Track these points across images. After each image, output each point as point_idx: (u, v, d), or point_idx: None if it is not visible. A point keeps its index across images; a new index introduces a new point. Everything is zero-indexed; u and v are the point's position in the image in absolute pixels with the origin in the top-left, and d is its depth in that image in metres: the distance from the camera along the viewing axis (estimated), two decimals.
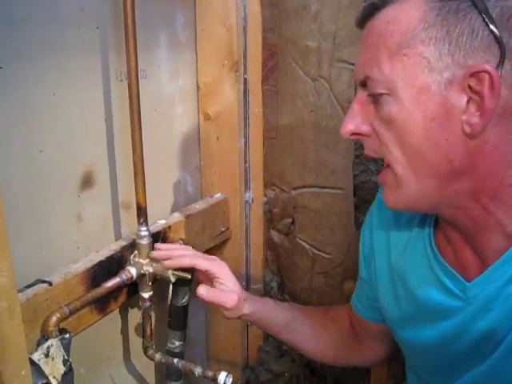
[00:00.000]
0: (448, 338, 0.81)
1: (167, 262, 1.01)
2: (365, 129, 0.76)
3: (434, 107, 0.68)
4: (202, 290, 0.97)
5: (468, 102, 0.67)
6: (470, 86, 0.66)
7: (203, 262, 1.00)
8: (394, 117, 0.71)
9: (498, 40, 0.64)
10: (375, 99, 0.73)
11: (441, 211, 0.79)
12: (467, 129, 0.67)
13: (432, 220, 0.86)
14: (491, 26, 0.64)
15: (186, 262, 1.00)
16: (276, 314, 1.09)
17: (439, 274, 0.81)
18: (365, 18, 0.75)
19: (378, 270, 0.97)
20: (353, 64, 1.20)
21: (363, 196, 1.32)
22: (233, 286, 1.01)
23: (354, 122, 0.76)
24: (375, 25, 0.73)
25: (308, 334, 1.11)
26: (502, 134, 0.68)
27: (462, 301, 0.77)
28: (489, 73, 0.64)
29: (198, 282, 1.03)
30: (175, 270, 1.01)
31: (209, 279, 1.02)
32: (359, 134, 0.77)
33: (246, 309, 1.03)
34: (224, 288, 1.00)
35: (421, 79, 0.68)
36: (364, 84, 0.74)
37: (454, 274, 0.79)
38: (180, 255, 1.01)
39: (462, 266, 0.79)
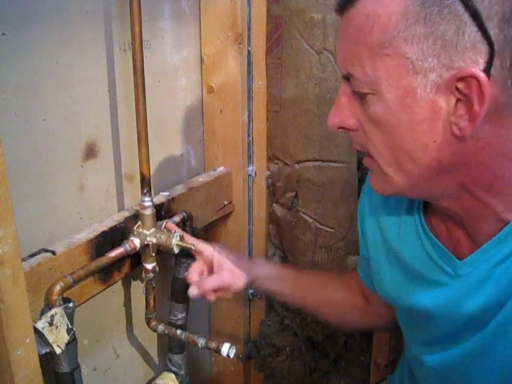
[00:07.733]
0: (438, 313, 0.81)
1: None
2: (351, 123, 0.73)
3: (420, 110, 0.65)
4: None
5: (456, 102, 0.63)
6: (457, 88, 0.62)
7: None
8: (380, 118, 0.68)
9: (486, 37, 0.59)
10: (360, 96, 0.70)
11: (433, 200, 0.78)
12: (456, 131, 0.64)
13: (421, 202, 0.85)
14: (478, 22, 0.59)
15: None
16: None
17: (430, 250, 0.81)
18: (343, 6, 0.69)
19: (373, 249, 0.97)
20: None
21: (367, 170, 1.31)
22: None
23: (341, 116, 0.74)
24: (354, 16, 0.67)
25: (317, 287, 1.14)
26: (494, 131, 0.65)
27: (452, 278, 0.77)
28: (477, 78, 0.60)
29: None
30: (179, 240, 1.01)
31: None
32: (346, 128, 0.75)
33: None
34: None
35: (405, 81, 0.64)
36: (348, 78, 0.71)
37: (445, 251, 0.78)
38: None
39: (455, 245, 0.79)
